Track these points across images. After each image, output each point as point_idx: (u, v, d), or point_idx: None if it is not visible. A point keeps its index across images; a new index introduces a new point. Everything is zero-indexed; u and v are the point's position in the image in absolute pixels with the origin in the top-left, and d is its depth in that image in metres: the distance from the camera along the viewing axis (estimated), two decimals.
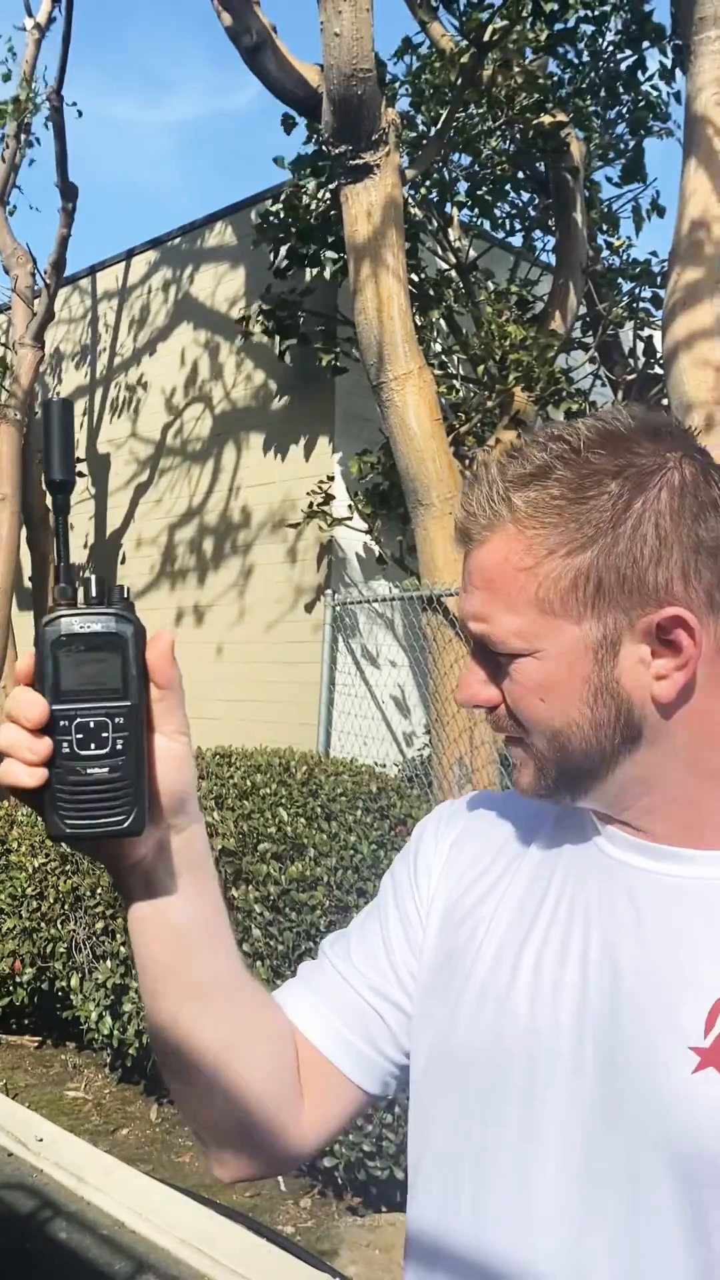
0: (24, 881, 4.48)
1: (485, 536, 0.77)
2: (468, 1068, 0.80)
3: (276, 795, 3.95)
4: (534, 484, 0.75)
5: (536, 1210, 0.74)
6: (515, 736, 0.79)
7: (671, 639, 0.73)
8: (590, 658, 0.75)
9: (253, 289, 6.86)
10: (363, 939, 0.91)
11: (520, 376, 5.56)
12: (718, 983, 0.71)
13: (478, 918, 0.84)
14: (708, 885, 0.75)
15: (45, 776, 0.67)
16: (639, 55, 6.40)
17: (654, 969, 0.74)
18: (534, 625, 0.75)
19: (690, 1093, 0.70)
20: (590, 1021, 0.75)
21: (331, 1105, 0.87)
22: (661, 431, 0.76)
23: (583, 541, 0.73)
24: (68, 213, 7.31)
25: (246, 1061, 0.82)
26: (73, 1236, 3.15)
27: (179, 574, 7.61)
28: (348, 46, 4.01)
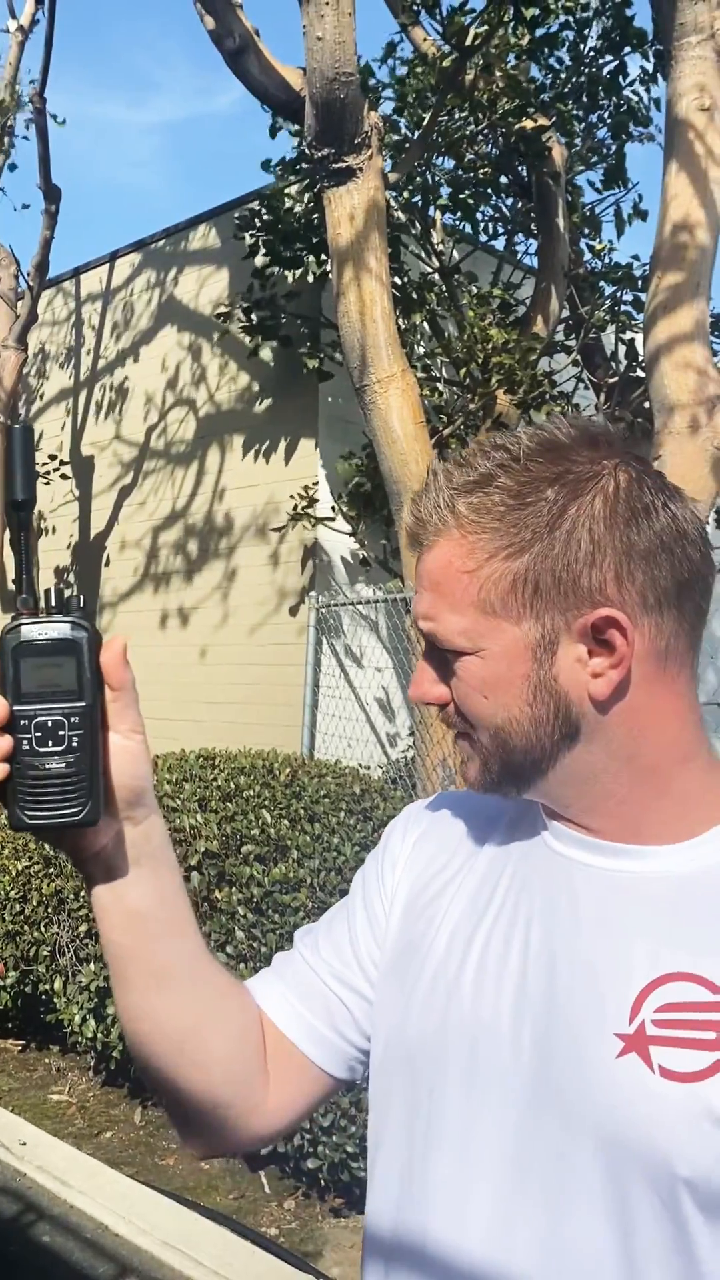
0: (7, 884, 4.47)
1: (433, 541, 0.81)
2: (417, 1054, 0.83)
3: (260, 797, 3.95)
4: (477, 491, 0.79)
5: (473, 1193, 0.77)
6: (463, 732, 0.83)
7: (606, 638, 0.76)
8: (530, 656, 0.78)
9: (237, 291, 6.87)
10: (330, 931, 0.95)
11: (503, 379, 5.58)
12: (645, 972, 0.74)
13: (434, 910, 0.88)
14: (642, 879, 0.78)
15: (6, 771, 0.72)
16: (620, 60, 6.45)
17: (587, 959, 0.77)
18: (476, 625, 0.79)
19: (613, 1077, 0.72)
20: (528, 1009, 0.78)
21: (297, 1088, 0.91)
22: (599, 440, 0.80)
23: (521, 545, 0.77)
24: (51, 215, 7.29)
25: (211, 1043, 0.86)
26: (56, 1240, 3.14)
27: (163, 577, 7.60)
28: (330, 50, 4.02)
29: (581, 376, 7.14)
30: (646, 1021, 0.73)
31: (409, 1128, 0.83)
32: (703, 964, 0.73)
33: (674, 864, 0.78)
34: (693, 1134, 0.69)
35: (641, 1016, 0.73)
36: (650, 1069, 0.72)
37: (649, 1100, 0.71)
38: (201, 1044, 0.85)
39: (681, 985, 0.73)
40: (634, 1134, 0.71)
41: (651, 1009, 0.73)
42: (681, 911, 0.76)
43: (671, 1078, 0.71)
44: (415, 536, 0.83)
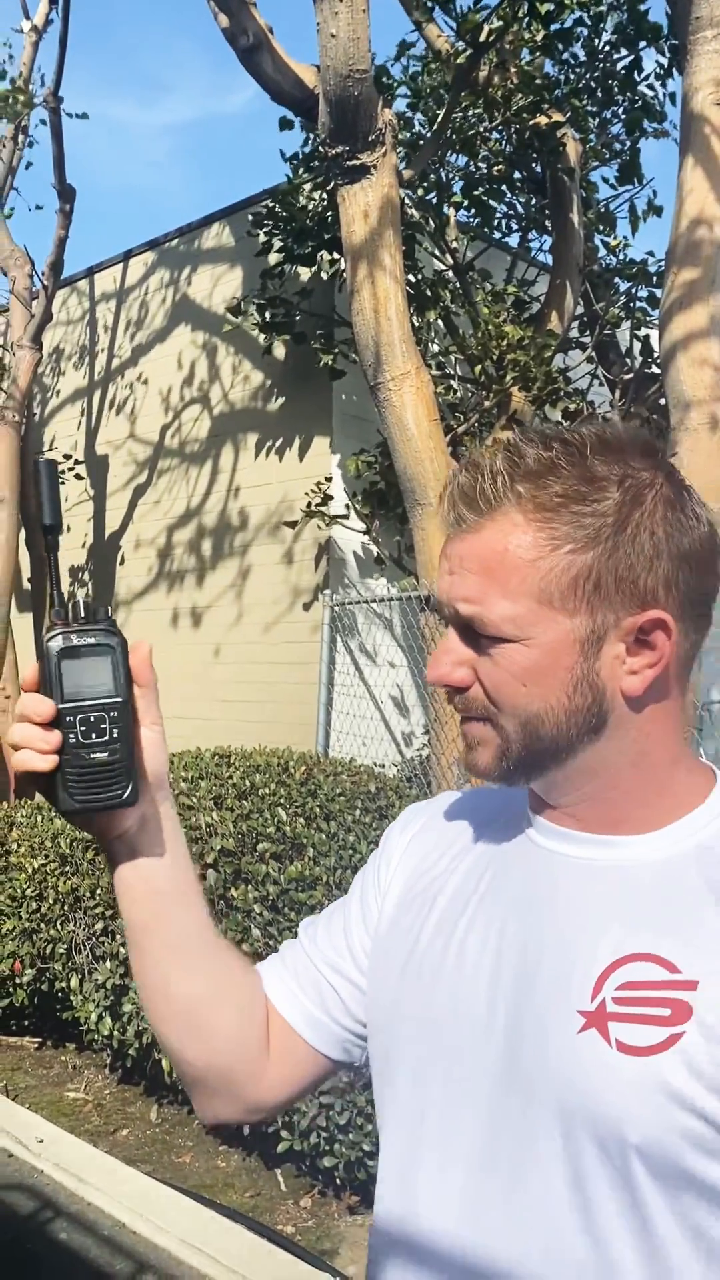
0: (24, 882, 4.48)
1: (483, 522, 0.81)
2: (404, 1037, 0.90)
3: (275, 795, 3.95)
4: (542, 479, 0.79)
5: (450, 1174, 0.83)
6: (482, 717, 0.84)
7: (650, 639, 0.80)
8: (577, 649, 0.80)
9: (251, 290, 6.87)
10: (329, 923, 1.02)
11: (517, 376, 5.56)
12: (609, 953, 0.79)
13: (424, 902, 0.93)
14: (613, 867, 0.83)
15: (56, 762, 0.81)
16: (635, 55, 6.41)
17: (557, 942, 0.82)
18: (530, 614, 0.80)
19: (575, 1051, 0.77)
20: (502, 991, 0.83)
21: (294, 1064, 0.98)
22: (654, 449, 0.83)
23: (586, 542, 0.79)
24: (65, 214, 7.31)
25: (215, 1015, 0.94)
26: (73, 1237, 3.15)
27: (177, 575, 7.61)
28: (344, 47, 4.01)
29: (596, 373, 7.11)
30: (607, 999, 0.77)
31: (399, 1111, 0.90)
32: (662, 945, 0.78)
33: (642, 853, 0.83)
34: (644, 1104, 0.74)
35: (603, 995, 0.78)
36: (608, 1044, 0.76)
37: (605, 1072, 0.75)
38: (206, 1015, 0.93)
39: (641, 965, 0.78)
40: (589, 1103, 0.76)
41: (612, 987, 0.78)
42: (645, 896, 0.81)
43: (627, 1051, 0.75)
44: (461, 516, 0.82)
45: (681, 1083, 0.73)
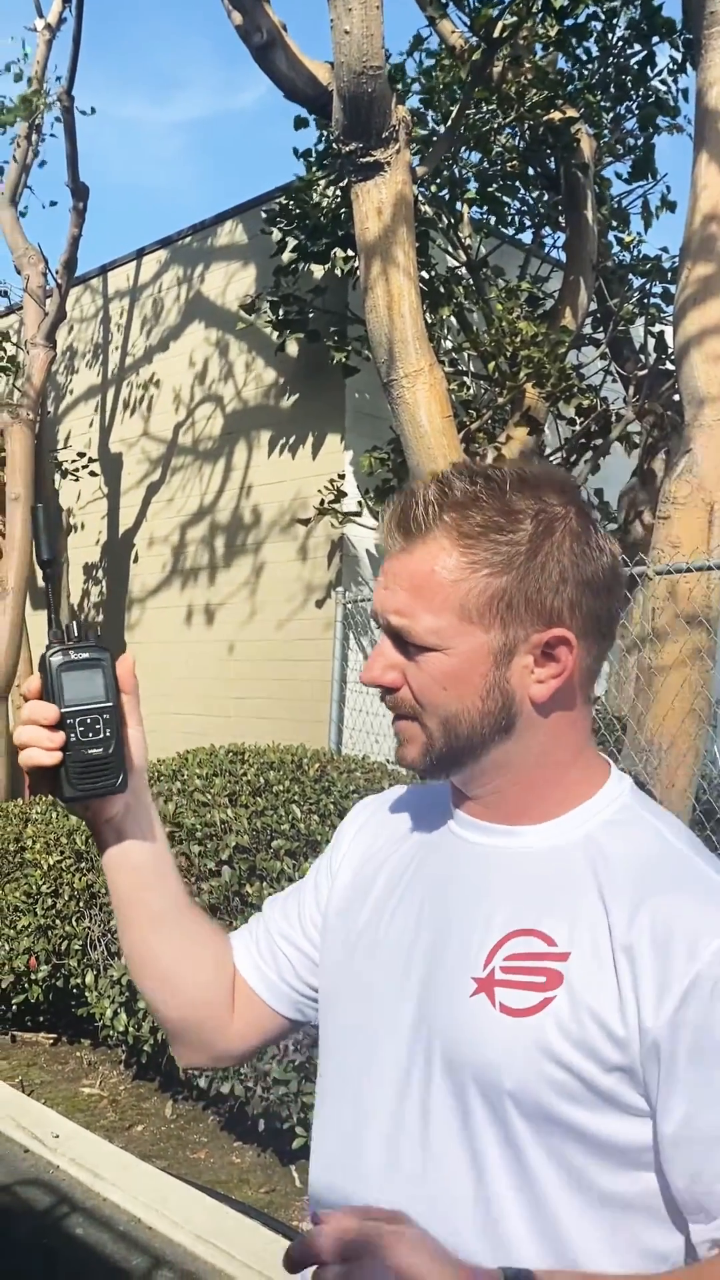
0: (39, 879, 4.50)
1: (413, 546, 0.93)
2: (343, 1001, 1.04)
3: (290, 792, 3.96)
4: (466, 510, 0.92)
5: (371, 1112, 0.96)
6: (409, 716, 0.96)
7: (555, 654, 0.92)
8: (490, 660, 0.92)
9: (264, 287, 6.87)
10: (286, 901, 1.17)
11: (531, 373, 5.55)
12: (501, 928, 0.92)
13: (366, 883, 1.07)
14: (510, 854, 0.96)
15: (60, 758, 0.95)
16: (649, 50, 6.38)
17: (462, 919, 0.95)
18: (451, 627, 0.92)
19: (467, 1012, 0.90)
20: (416, 961, 0.97)
21: (254, 1021, 1.13)
22: (566, 486, 0.95)
23: (502, 566, 0.91)
24: (79, 212, 7.32)
25: (187, 976, 1.10)
26: (89, 1232, 3.16)
27: (190, 573, 7.62)
28: (358, 44, 4.01)
29: (610, 370, 7.09)
30: (496, 968, 0.90)
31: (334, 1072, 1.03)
32: (544, 922, 0.90)
33: (535, 841, 0.96)
34: (518, 1057, 0.86)
35: (493, 964, 0.91)
36: (494, 1006, 0.89)
37: (488, 1030, 0.88)
38: (178, 975, 1.10)
39: (526, 939, 0.90)
40: (474, 1056, 0.89)
41: (501, 958, 0.91)
42: (534, 880, 0.93)
43: (508, 1013, 0.88)
44: (394, 538, 0.95)
45: (551, 1039, 0.86)
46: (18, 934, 4.44)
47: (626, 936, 0.86)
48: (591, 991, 0.86)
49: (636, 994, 0.85)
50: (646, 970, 0.85)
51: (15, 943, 4.42)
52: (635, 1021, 0.84)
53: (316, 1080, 1.07)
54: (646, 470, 6.83)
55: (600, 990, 0.86)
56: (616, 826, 0.95)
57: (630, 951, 0.86)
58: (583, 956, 0.87)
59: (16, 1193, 3.39)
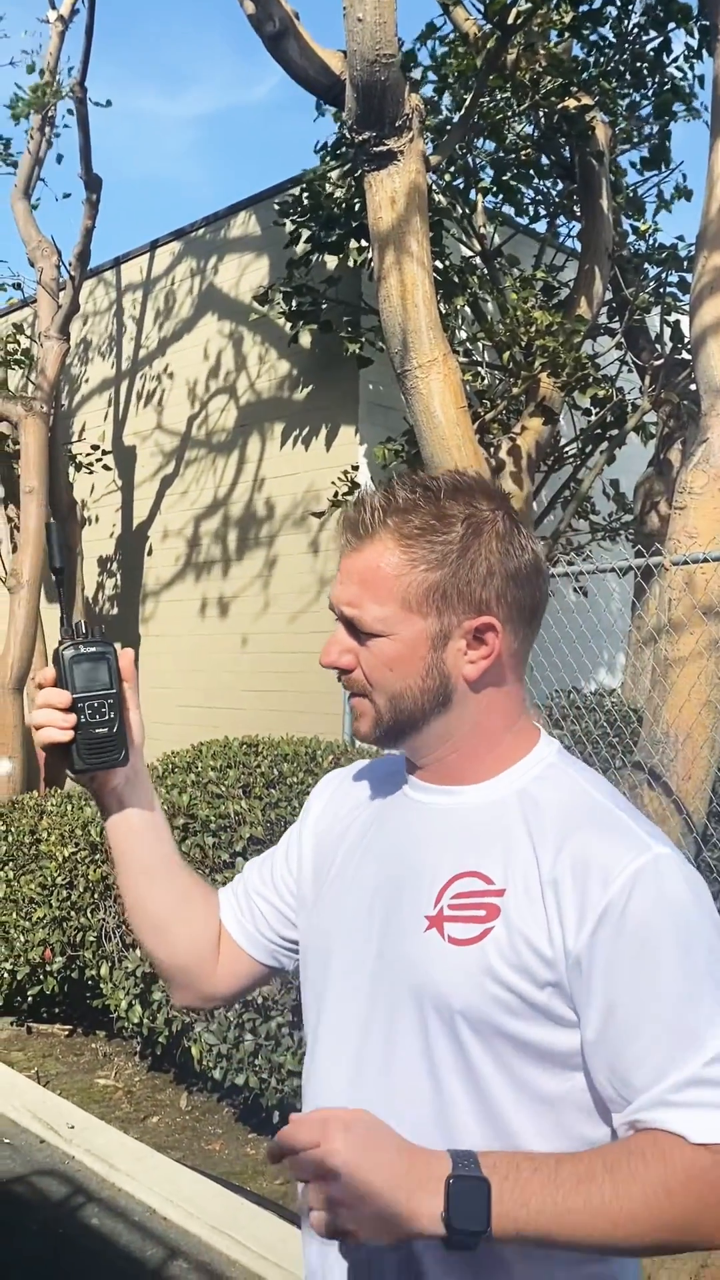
0: (54, 871, 4.51)
1: (362, 546, 1.09)
2: (318, 947, 1.20)
3: (303, 784, 3.95)
4: (406, 515, 1.07)
5: (344, 1037, 1.11)
6: (361, 694, 1.12)
7: (484, 638, 1.08)
8: (428, 644, 1.08)
9: (277, 278, 6.85)
10: (262, 863, 1.33)
11: (546, 363, 5.51)
12: (447, 872, 1.07)
13: (334, 844, 1.23)
14: (453, 810, 1.12)
15: (72, 736, 1.12)
16: (665, 37, 6.32)
17: (414, 868, 1.10)
18: (394, 616, 1.07)
19: (420, 945, 1.06)
20: (377, 907, 1.12)
21: (236, 965, 1.29)
22: (493, 493, 1.12)
23: (437, 563, 1.06)
24: (92, 204, 7.31)
25: (177, 927, 1.26)
26: (104, 1222, 3.17)
27: (204, 565, 7.62)
28: (371, 32, 3.98)
29: (625, 359, 7.05)
30: (444, 906, 1.06)
31: (313, 1012, 1.19)
32: (483, 864, 1.06)
33: (474, 798, 1.11)
34: (464, 979, 1.02)
35: (441, 903, 1.06)
36: (443, 938, 1.05)
37: (439, 958, 1.04)
38: (169, 926, 1.25)
39: (469, 880, 1.06)
40: (428, 982, 1.04)
41: (448, 897, 1.06)
42: (475, 830, 1.09)
43: (455, 943, 1.04)
44: (347, 539, 1.10)
45: (492, 963, 1.01)
46: (33, 926, 4.45)
47: (552, 872, 1.02)
48: (524, 920, 1.02)
49: (561, 920, 1.00)
50: (569, 899, 1.00)
51: (31, 934, 4.44)
52: (560, 944, 1.00)
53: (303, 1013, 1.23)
54: (663, 460, 6.79)
55: (531, 919, 1.01)
56: (545, 781, 1.10)
57: (555, 884, 1.01)
58: (516, 891, 1.03)
59: (33, 1183, 3.41)
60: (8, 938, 4.53)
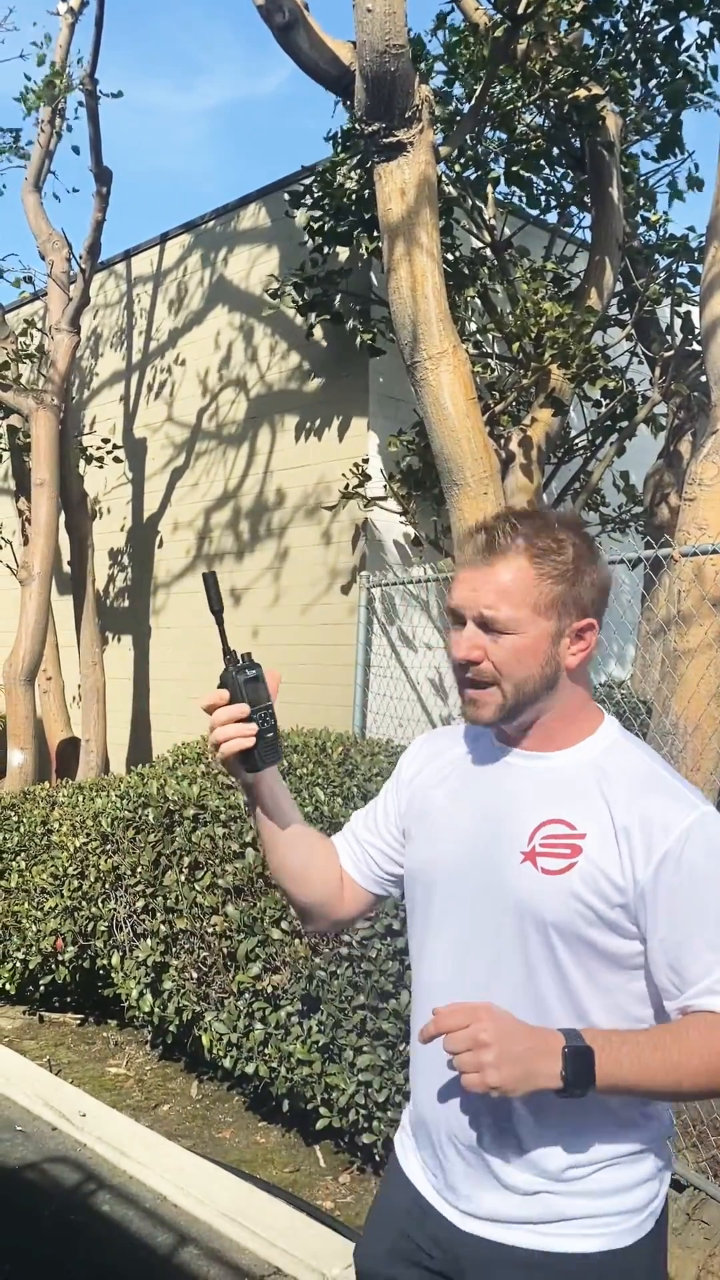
0: (65, 861, 4.54)
1: (496, 561, 1.39)
2: (421, 879, 1.52)
3: (313, 775, 3.96)
4: (533, 539, 1.40)
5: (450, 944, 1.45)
6: (488, 683, 1.40)
7: (584, 636, 1.42)
8: (549, 640, 1.40)
9: (288, 269, 6.84)
10: (366, 814, 1.68)
11: (556, 354, 5.50)
12: (537, 818, 1.40)
13: (432, 790, 1.56)
14: (545, 770, 1.45)
15: (254, 742, 1.41)
16: (676, 25, 6.28)
17: (509, 815, 1.43)
18: (526, 617, 1.38)
19: (517, 874, 1.39)
20: (477, 844, 1.44)
21: (353, 896, 1.64)
22: (581, 523, 1.46)
23: (558, 579, 1.39)
24: (102, 197, 7.31)
25: (312, 873, 1.60)
26: (116, 1209, 3.20)
27: (215, 557, 7.63)
28: (380, 22, 3.98)
29: (636, 351, 7.03)
30: (536, 845, 1.38)
31: (420, 927, 1.53)
32: (567, 813, 1.39)
33: (559, 762, 1.44)
34: (555, 899, 1.35)
35: (533, 843, 1.39)
36: (536, 869, 1.37)
37: (534, 884, 1.37)
38: (307, 874, 1.59)
39: (555, 825, 1.39)
40: (525, 901, 1.37)
41: (539, 838, 1.39)
42: (560, 786, 1.42)
43: (546, 873, 1.37)
44: (486, 551, 1.40)
45: (576, 888, 1.34)
46: (45, 915, 4.48)
47: (624, 822, 1.35)
48: (602, 857, 1.34)
49: (632, 859, 1.33)
50: (638, 844, 1.33)
51: (43, 924, 4.46)
52: (631, 876, 1.33)
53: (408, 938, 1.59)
54: (673, 452, 6.77)
55: (607, 857, 1.34)
56: (613, 752, 1.44)
57: (627, 832, 1.34)
58: (594, 836, 1.36)
59: (45, 1170, 3.44)
60: (20, 927, 4.56)
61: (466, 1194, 1.43)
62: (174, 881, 3.87)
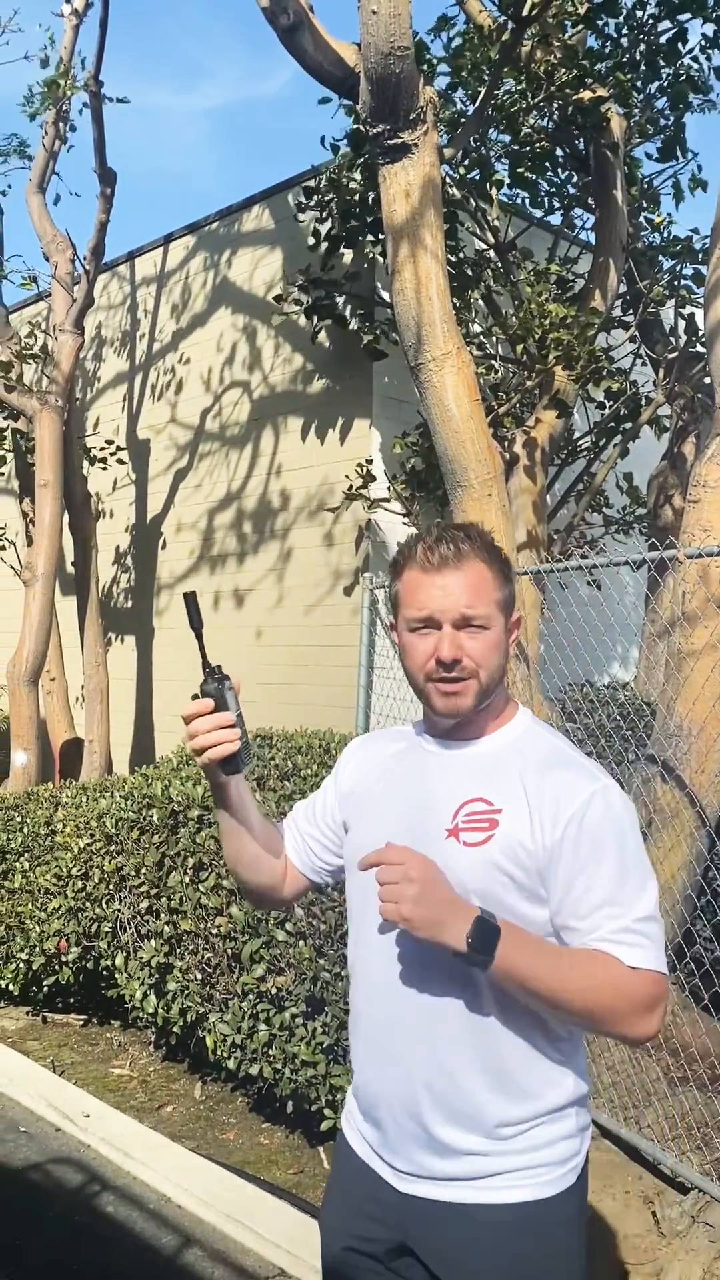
0: (69, 862, 4.54)
1: (463, 566, 1.55)
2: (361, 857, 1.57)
3: (317, 776, 3.96)
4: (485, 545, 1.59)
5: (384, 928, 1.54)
6: (469, 676, 1.55)
7: (514, 629, 1.62)
8: (505, 632, 1.60)
9: (292, 271, 6.85)
10: (308, 805, 1.83)
11: (560, 356, 5.50)
12: (460, 798, 1.56)
13: (372, 784, 1.72)
14: (469, 756, 1.62)
15: (238, 747, 1.54)
16: (680, 27, 6.28)
17: (437, 796, 1.59)
18: (494, 613, 1.57)
19: (443, 849, 1.52)
20: (410, 825, 1.57)
21: (293, 881, 1.80)
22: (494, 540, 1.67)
23: (505, 579, 1.60)
24: (106, 198, 7.32)
25: (266, 859, 1.74)
26: (120, 1210, 3.20)
27: (218, 558, 7.64)
28: (385, 24, 3.98)
29: (640, 352, 7.03)
30: (459, 822, 1.54)
31: (359, 910, 1.66)
32: (486, 791, 1.55)
33: (484, 748, 1.62)
34: (477, 869, 1.50)
35: (456, 820, 1.55)
36: (459, 843, 1.53)
37: (458, 856, 1.51)
38: (260, 861, 1.73)
39: (476, 803, 1.55)
40: (452, 872, 1.48)
41: (462, 815, 1.55)
42: (482, 768, 1.59)
43: (469, 845, 1.52)
44: (448, 560, 1.55)
45: (495, 857, 1.50)
46: (49, 916, 4.49)
47: (536, 795, 1.52)
48: (517, 828, 1.51)
49: (542, 827, 1.50)
50: (548, 813, 1.50)
51: (46, 925, 4.47)
52: (541, 840, 1.49)
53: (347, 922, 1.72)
54: (677, 454, 6.77)
55: (521, 827, 1.51)
56: (527, 735, 1.63)
57: (539, 803, 1.51)
58: (510, 809, 1.52)
59: (49, 1170, 3.44)
60: (24, 928, 4.57)
61: (406, 1157, 1.55)
62: (178, 882, 3.87)
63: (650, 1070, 3.74)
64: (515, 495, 5.57)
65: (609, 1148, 3.52)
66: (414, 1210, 1.54)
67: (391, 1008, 1.56)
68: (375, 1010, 1.59)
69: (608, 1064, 3.78)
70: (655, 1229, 3.10)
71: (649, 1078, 3.69)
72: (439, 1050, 1.51)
